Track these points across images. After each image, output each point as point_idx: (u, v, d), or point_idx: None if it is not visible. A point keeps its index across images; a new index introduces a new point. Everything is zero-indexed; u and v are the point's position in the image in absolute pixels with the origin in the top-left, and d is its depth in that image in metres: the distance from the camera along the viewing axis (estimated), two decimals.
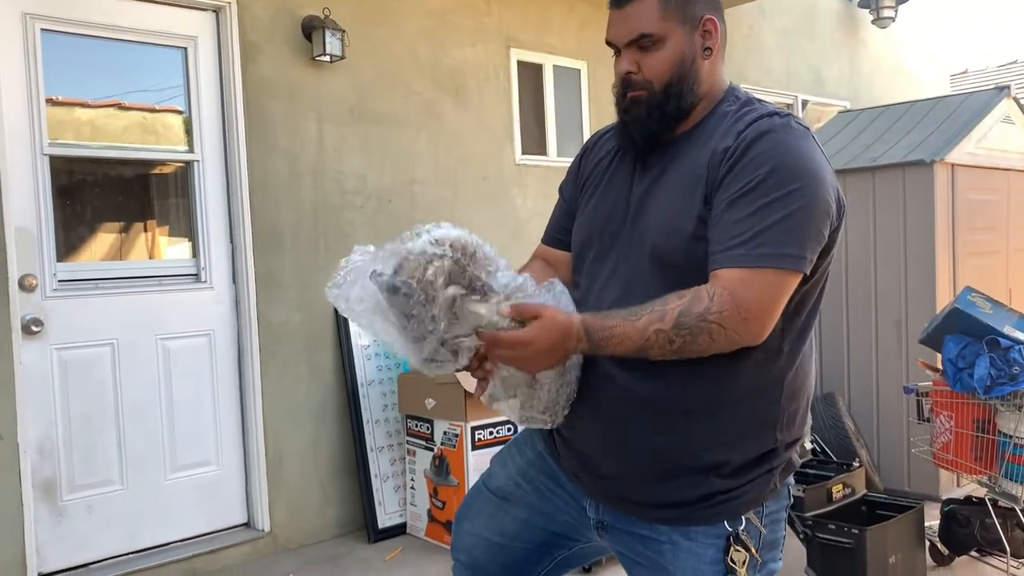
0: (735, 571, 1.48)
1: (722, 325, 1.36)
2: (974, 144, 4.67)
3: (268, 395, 3.89)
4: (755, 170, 1.41)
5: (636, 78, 1.54)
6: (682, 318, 1.37)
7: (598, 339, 1.41)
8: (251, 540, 3.83)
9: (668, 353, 1.39)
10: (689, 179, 1.49)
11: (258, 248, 3.86)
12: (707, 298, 1.37)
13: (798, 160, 1.42)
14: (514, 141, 4.88)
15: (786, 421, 1.54)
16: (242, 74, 3.83)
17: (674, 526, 1.52)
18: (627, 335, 1.39)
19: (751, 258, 1.37)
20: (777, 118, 1.47)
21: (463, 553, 1.82)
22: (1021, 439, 3.22)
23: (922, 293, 4.46)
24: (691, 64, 1.54)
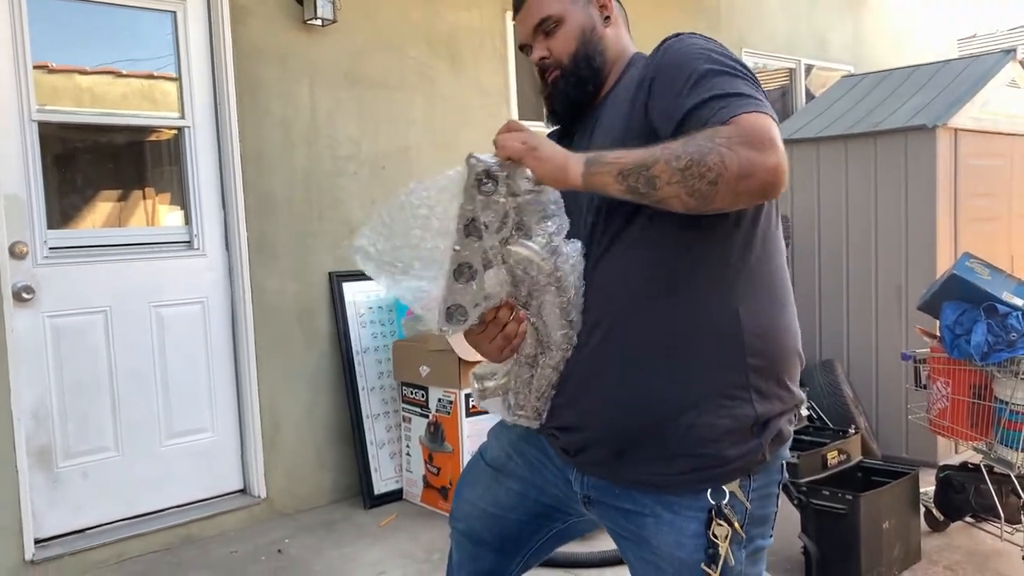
0: (716, 545, 1.45)
1: (732, 149, 1.27)
2: (978, 109, 4.60)
3: (263, 362, 3.88)
4: (690, 64, 1.42)
5: (548, 61, 1.64)
6: (690, 139, 1.31)
7: (597, 154, 1.39)
8: (247, 506, 3.85)
9: (674, 176, 1.29)
10: (617, 127, 1.53)
11: (251, 215, 3.84)
12: (712, 129, 1.33)
13: (715, 48, 1.47)
14: (511, 107, 4.83)
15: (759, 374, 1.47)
16: (232, 38, 3.78)
17: (656, 495, 1.50)
18: (632, 152, 1.34)
19: (745, 106, 1.34)
20: (672, 38, 1.51)
21: (461, 521, 1.83)
22: (1017, 406, 3.20)
23: (923, 259, 4.42)
24: (592, 33, 1.64)
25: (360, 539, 3.64)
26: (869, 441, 4.37)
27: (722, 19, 6.09)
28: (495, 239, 1.41)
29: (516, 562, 1.80)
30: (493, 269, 1.43)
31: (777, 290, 1.53)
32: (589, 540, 3.40)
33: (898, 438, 4.53)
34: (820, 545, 3.20)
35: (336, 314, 4.08)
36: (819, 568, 3.20)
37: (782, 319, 1.54)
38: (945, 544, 3.48)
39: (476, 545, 1.80)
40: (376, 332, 4.20)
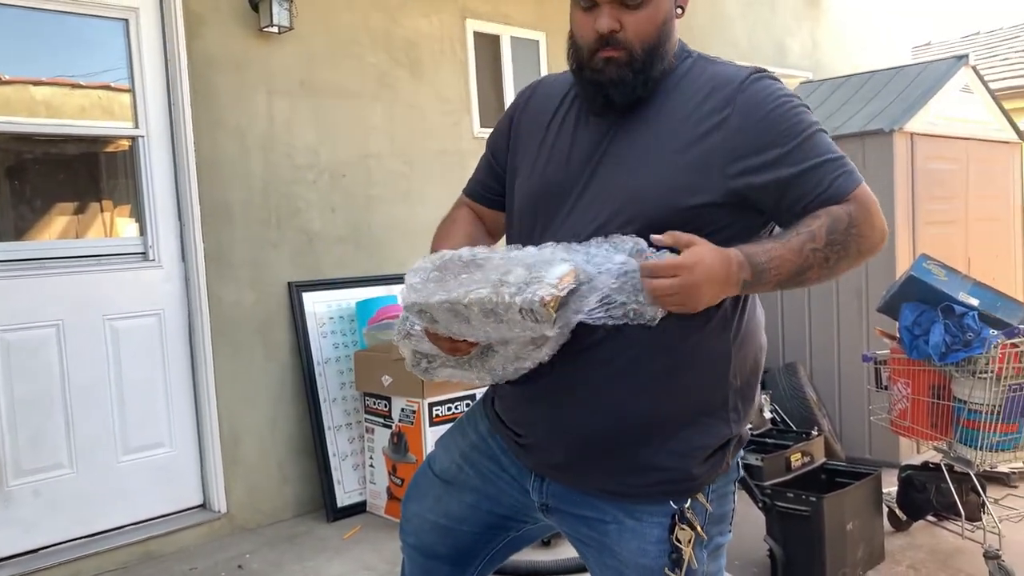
0: (680, 550, 1.45)
1: (861, 234, 1.40)
2: (933, 114, 4.67)
3: (222, 375, 3.82)
4: (783, 121, 1.42)
5: (619, 37, 1.43)
6: (832, 235, 1.37)
7: (761, 261, 1.34)
8: (207, 521, 3.77)
9: (824, 274, 1.40)
10: (680, 142, 1.42)
11: (207, 225, 3.78)
12: (845, 215, 1.39)
13: (800, 102, 1.47)
14: (472, 114, 4.81)
15: (738, 395, 1.50)
16: (187, 47, 3.72)
17: (619, 503, 1.49)
18: (786, 257, 1.36)
19: (855, 175, 1.42)
20: (763, 74, 1.48)
21: (411, 535, 1.79)
22: (975, 405, 3.23)
23: (882, 262, 4.46)
24: (671, 24, 1.49)
25: (322, 552, 3.58)
26: (833, 443, 4.39)
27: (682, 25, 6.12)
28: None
29: (471, 572, 1.77)
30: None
31: (758, 308, 1.56)
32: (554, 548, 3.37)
33: (861, 439, 4.56)
34: (785, 547, 3.20)
35: (296, 324, 4.02)
36: (784, 570, 3.20)
37: (761, 338, 1.57)
38: (908, 543, 3.51)
39: (428, 559, 1.76)
40: (337, 342, 4.15)
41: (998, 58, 9.59)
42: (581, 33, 1.47)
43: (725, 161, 1.39)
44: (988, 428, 3.19)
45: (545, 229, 1.51)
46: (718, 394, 1.48)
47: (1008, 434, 3.24)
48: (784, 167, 1.40)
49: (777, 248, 1.36)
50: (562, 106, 1.59)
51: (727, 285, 1.33)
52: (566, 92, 1.60)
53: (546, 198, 1.53)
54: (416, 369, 1.64)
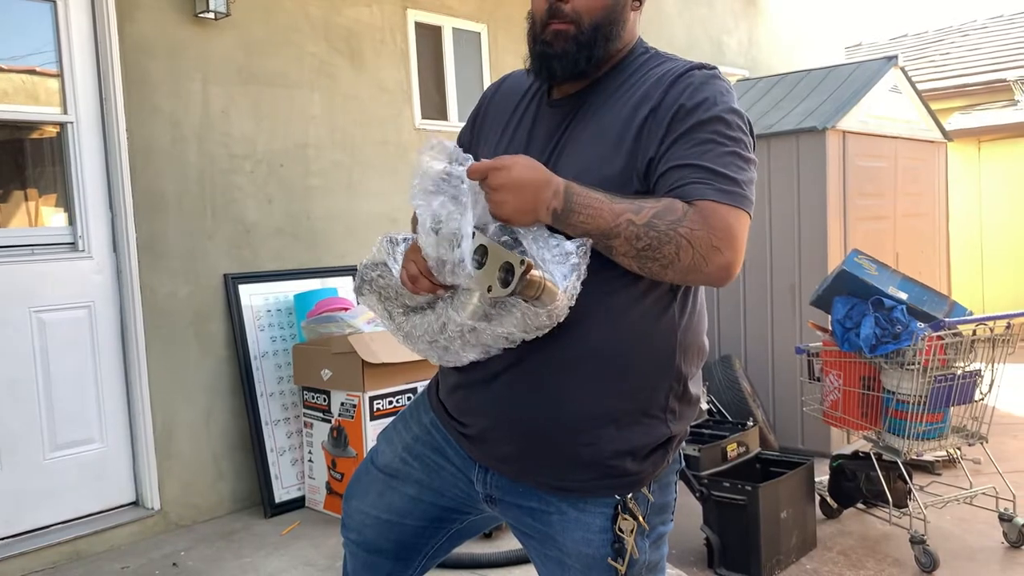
0: (623, 540, 1.47)
1: (691, 243, 1.32)
2: (864, 112, 4.80)
3: (155, 369, 3.72)
4: (702, 113, 1.40)
5: (565, 8, 1.48)
6: (655, 219, 1.33)
7: (575, 201, 1.34)
8: (140, 519, 3.67)
9: (631, 252, 1.34)
10: (616, 127, 1.45)
11: (140, 215, 3.67)
12: (680, 211, 1.34)
13: (735, 109, 1.44)
14: (413, 105, 4.78)
15: (681, 396, 1.52)
16: (119, 31, 3.61)
17: (564, 497, 1.50)
18: (601, 212, 1.34)
19: (725, 195, 1.35)
20: (705, 70, 1.48)
21: (353, 531, 1.77)
22: (903, 395, 3.34)
23: (815, 257, 4.58)
24: (621, 10, 1.52)
25: (261, 548, 3.53)
26: (767, 433, 4.49)
27: None
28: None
29: (414, 566, 1.76)
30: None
31: (701, 307, 1.57)
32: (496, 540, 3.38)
33: (794, 429, 4.67)
34: (721, 535, 3.27)
35: (232, 317, 3.94)
36: (721, 558, 3.27)
37: (703, 341, 1.58)
38: (839, 530, 3.61)
39: (371, 554, 1.75)
40: (275, 336, 4.08)
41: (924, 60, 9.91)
42: (535, 7, 1.53)
43: (642, 140, 1.42)
44: (915, 418, 3.31)
45: None
46: (661, 394, 1.49)
47: (933, 423, 3.37)
48: (664, 157, 1.40)
49: (600, 200, 1.35)
50: (524, 98, 1.64)
51: (537, 202, 1.34)
52: (530, 86, 1.65)
53: None
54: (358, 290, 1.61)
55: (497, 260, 1.29)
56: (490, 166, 1.34)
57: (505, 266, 1.27)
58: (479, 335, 1.43)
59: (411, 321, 1.53)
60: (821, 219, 4.54)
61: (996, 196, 8.04)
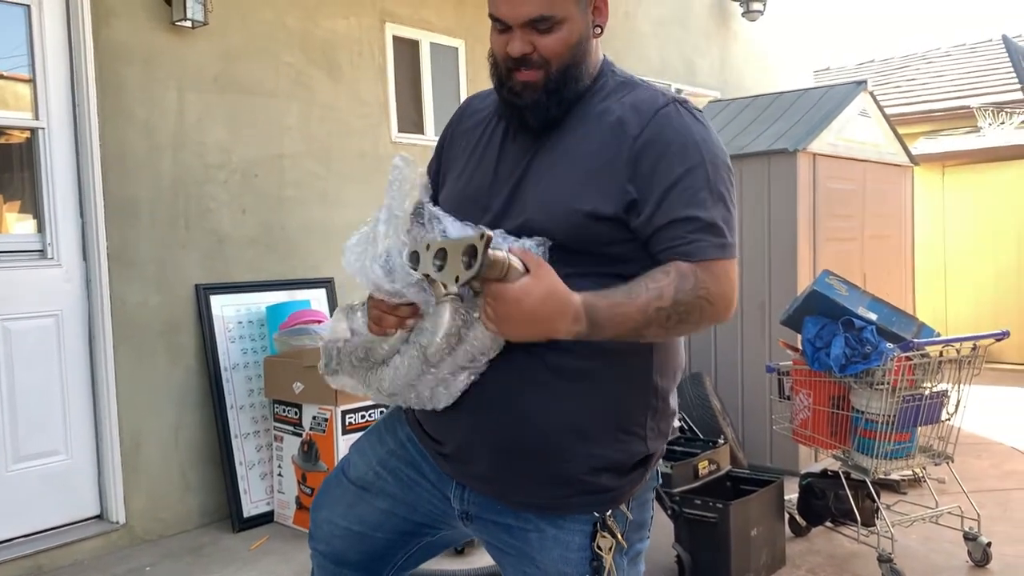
0: (602, 558, 1.47)
1: (710, 302, 1.39)
2: (834, 135, 4.88)
3: (123, 380, 3.66)
4: (688, 160, 1.41)
5: (533, 58, 1.46)
6: (679, 295, 1.36)
7: (599, 318, 1.32)
8: (104, 533, 3.61)
9: (662, 332, 1.39)
10: (588, 160, 1.45)
11: (111, 223, 3.63)
12: (692, 276, 1.38)
13: (715, 146, 1.46)
14: (390, 119, 4.77)
15: (658, 413, 1.52)
16: (94, 37, 3.57)
17: (542, 514, 1.49)
18: (629, 314, 1.34)
19: (722, 250, 1.41)
20: (681, 105, 1.48)
21: (321, 543, 1.75)
22: (872, 415, 3.38)
23: (784, 276, 4.63)
24: (585, 44, 1.49)
25: (229, 564, 3.47)
26: (736, 451, 4.52)
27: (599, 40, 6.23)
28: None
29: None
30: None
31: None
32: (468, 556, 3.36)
33: (763, 448, 4.71)
34: (692, 553, 3.28)
35: (203, 328, 3.90)
36: (692, 575, 3.28)
37: (680, 359, 1.59)
38: (807, 548, 3.63)
39: (339, 566, 1.73)
40: (246, 348, 4.04)
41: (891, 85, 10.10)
42: (498, 53, 1.50)
43: (624, 180, 1.42)
44: (883, 437, 3.34)
45: None
46: (637, 410, 1.50)
47: (901, 443, 3.41)
48: (658, 210, 1.41)
49: (623, 304, 1.34)
50: (491, 120, 1.62)
51: (551, 332, 1.31)
52: (494, 108, 1.63)
53: (467, 204, 1.55)
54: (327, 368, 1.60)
55: (457, 251, 1.29)
56: (496, 294, 1.28)
57: (468, 250, 1.27)
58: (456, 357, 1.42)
59: (386, 374, 1.51)
60: (791, 239, 4.60)
61: (959, 220, 8.20)
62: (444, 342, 1.39)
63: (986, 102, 8.29)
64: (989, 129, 7.99)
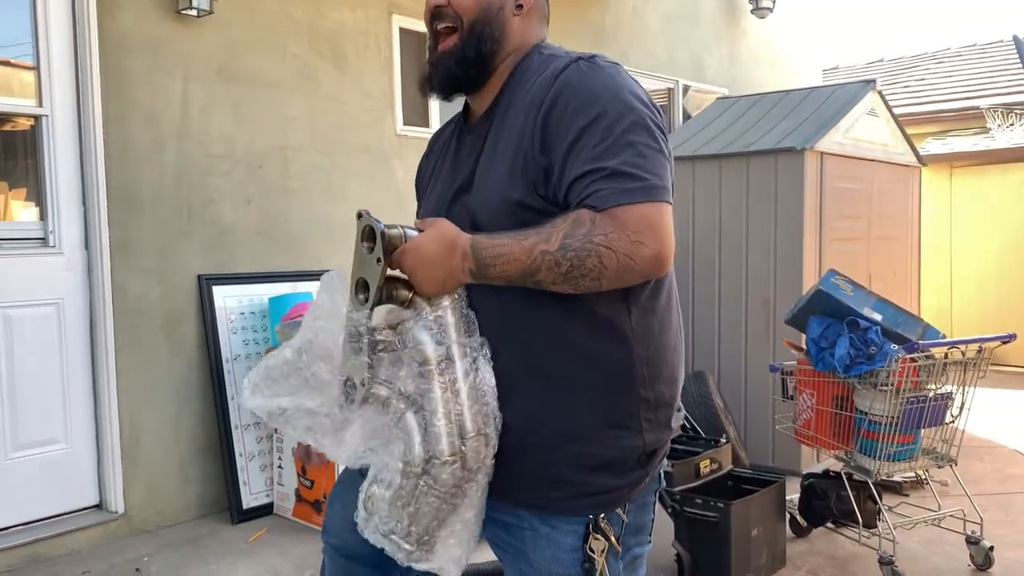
0: (593, 560, 1.44)
1: (610, 247, 1.31)
2: (842, 134, 4.85)
3: (124, 369, 3.65)
4: (585, 115, 1.37)
5: (446, 10, 1.54)
6: (567, 239, 1.32)
7: (485, 256, 1.36)
8: (103, 522, 3.60)
9: (558, 278, 1.33)
10: (510, 146, 1.45)
11: (114, 212, 3.61)
12: (589, 221, 1.32)
13: (620, 93, 1.40)
14: (395, 111, 4.75)
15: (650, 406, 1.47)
16: (99, 25, 3.56)
17: (537, 513, 1.48)
18: (514, 255, 1.34)
19: (629, 195, 1.33)
20: (583, 61, 1.45)
21: (334, 536, 1.74)
22: (875, 416, 3.36)
23: (790, 275, 4.60)
24: (498, 11, 1.54)
25: (227, 555, 3.47)
26: (738, 450, 4.50)
27: (606, 36, 6.20)
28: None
29: None
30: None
31: (670, 314, 1.54)
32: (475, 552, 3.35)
33: (765, 447, 4.69)
34: (693, 552, 3.26)
35: (205, 319, 3.89)
36: (692, 574, 3.26)
37: (674, 347, 1.55)
38: (808, 549, 3.62)
39: (350, 560, 1.72)
40: (248, 339, 4.03)
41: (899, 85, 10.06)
42: (424, 15, 1.60)
43: (538, 154, 1.40)
44: (886, 439, 3.32)
45: None
46: (625, 405, 1.46)
47: (904, 444, 3.39)
48: (563, 173, 1.38)
49: (508, 245, 1.35)
50: (453, 135, 1.67)
51: (451, 269, 1.39)
52: (454, 124, 1.70)
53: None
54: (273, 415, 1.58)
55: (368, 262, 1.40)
56: (396, 256, 1.40)
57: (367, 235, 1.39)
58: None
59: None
60: (797, 238, 4.57)
61: (966, 222, 8.16)
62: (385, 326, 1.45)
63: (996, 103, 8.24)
64: (998, 131, 7.94)
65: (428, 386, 1.39)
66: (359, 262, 1.41)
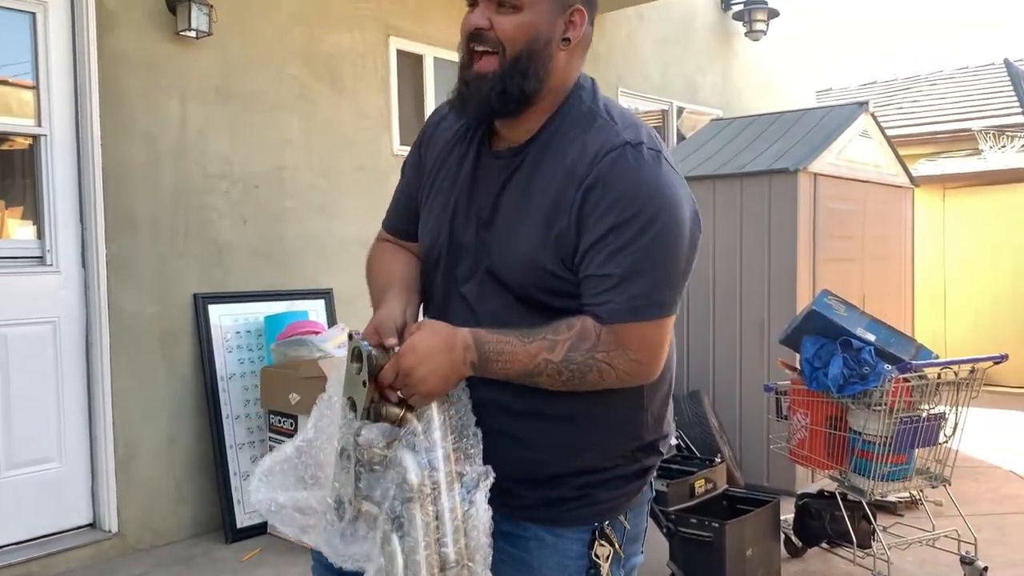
0: (599, 566, 1.48)
1: (611, 365, 1.37)
2: (835, 155, 4.89)
3: (119, 388, 3.66)
4: (618, 213, 1.36)
5: (488, 34, 1.42)
6: (571, 352, 1.35)
7: (488, 350, 1.36)
8: (96, 541, 3.59)
9: (558, 384, 1.38)
10: (544, 206, 1.42)
11: (111, 232, 3.63)
12: (594, 336, 1.36)
13: (656, 196, 1.38)
14: (392, 131, 4.79)
15: (651, 423, 1.53)
16: (98, 46, 3.59)
17: (542, 525, 1.50)
18: (517, 356, 1.36)
19: (636, 313, 1.37)
20: (630, 148, 1.40)
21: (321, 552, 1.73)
22: (869, 436, 3.37)
23: (783, 295, 4.63)
24: (545, 45, 1.43)
25: (220, 575, 3.45)
26: (733, 470, 4.51)
27: (600, 58, 6.25)
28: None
29: None
30: None
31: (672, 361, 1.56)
32: None
33: (760, 467, 4.69)
34: (687, 572, 3.26)
35: (200, 337, 3.89)
36: None
37: (671, 386, 1.59)
38: (802, 569, 3.62)
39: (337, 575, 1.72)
40: (243, 357, 4.03)
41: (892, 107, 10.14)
42: (462, 32, 1.47)
43: (573, 233, 1.39)
44: (880, 459, 3.33)
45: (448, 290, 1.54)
46: (631, 445, 1.51)
47: (898, 464, 3.40)
48: (583, 261, 1.38)
49: (512, 344, 1.36)
50: (462, 142, 1.56)
51: (453, 363, 1.36)
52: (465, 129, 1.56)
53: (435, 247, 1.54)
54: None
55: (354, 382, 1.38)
56: (394, 363, 1.35)
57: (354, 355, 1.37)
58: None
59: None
60: (791, 258, 4.60)
61: (959, 243, 8.21)
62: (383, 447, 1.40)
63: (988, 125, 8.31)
64: (990, 152, 8.00)
65: (411, 514, 1.34)
66: (349, 381, 1.39)
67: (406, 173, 1.70)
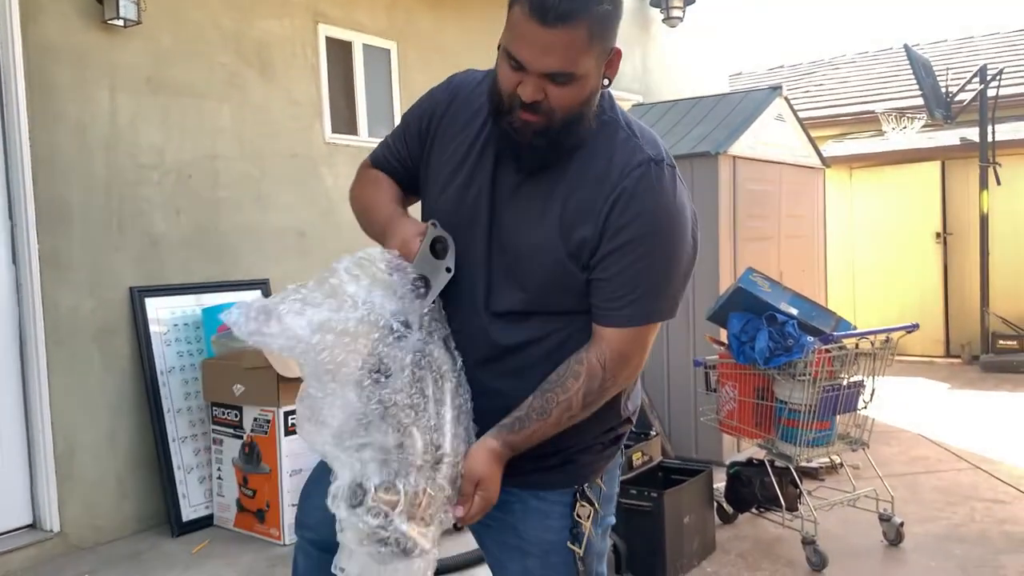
0: (580, 524, 1.59)
1: (616, 381, 1.53)
2: (753, 138, 5.09)
3: (56, 385, 3.59)
4: (634, 228, 1.46)
5: (541, 106, 1.42)
6: (588, 397, 1.50)
7: (520, 446, 1.51)
8: (37, 542, 3.53)
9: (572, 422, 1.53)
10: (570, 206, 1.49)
11: (42, 226, 3.55)
12: (600, 368, 1.49)
13: (671, 217, 1.49)
14: (323, 119, 4.78)
15: (625, 400, 1.66)
16: (22, 35, 3.49)
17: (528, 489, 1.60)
18: (544, 431, 1.50)
19: (635, 319, 1.50)
20: (654, 165, 1.48)
21: (310, 530, 1.74)
22: (794, 405, 3.57)
23: (707, 274, 4.81)
24: (592, 95, 1.47)
25: (171, 569, 3.45)
26: (664, 442, 4.70)
27: None
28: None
29: None
30: None
31: None
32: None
33: (688, 439, 4.89)
34: (628, 541, 3.41)
35: (138, 331, 3.85)
36: (628, 563, 3.41)
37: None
38: (735, 534, 3.81)
39: (326, 552, 1.71)
40: (182, 350, 4.00)
41: (799, 90, 10.53)
42: (505, 87, 1.45)
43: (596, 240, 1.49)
44: (806, 426, 3.54)
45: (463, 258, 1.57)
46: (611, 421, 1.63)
47: (822, 431, 3.62)
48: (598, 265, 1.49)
49: (537, 423, 1.50)
50: (483, 132, 1.57)
51: (501, 471, 1.51)
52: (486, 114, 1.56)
53: (461, 229, 1.56)
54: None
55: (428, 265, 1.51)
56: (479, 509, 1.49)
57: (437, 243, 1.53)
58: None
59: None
60: (713, 238, 4.78)
61: (866, 219, 8.63)
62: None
63: (889, 107, 8.73)
64: (892, 133, 8.43)
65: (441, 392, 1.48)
66: (426, 263, 1.51)
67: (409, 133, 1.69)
